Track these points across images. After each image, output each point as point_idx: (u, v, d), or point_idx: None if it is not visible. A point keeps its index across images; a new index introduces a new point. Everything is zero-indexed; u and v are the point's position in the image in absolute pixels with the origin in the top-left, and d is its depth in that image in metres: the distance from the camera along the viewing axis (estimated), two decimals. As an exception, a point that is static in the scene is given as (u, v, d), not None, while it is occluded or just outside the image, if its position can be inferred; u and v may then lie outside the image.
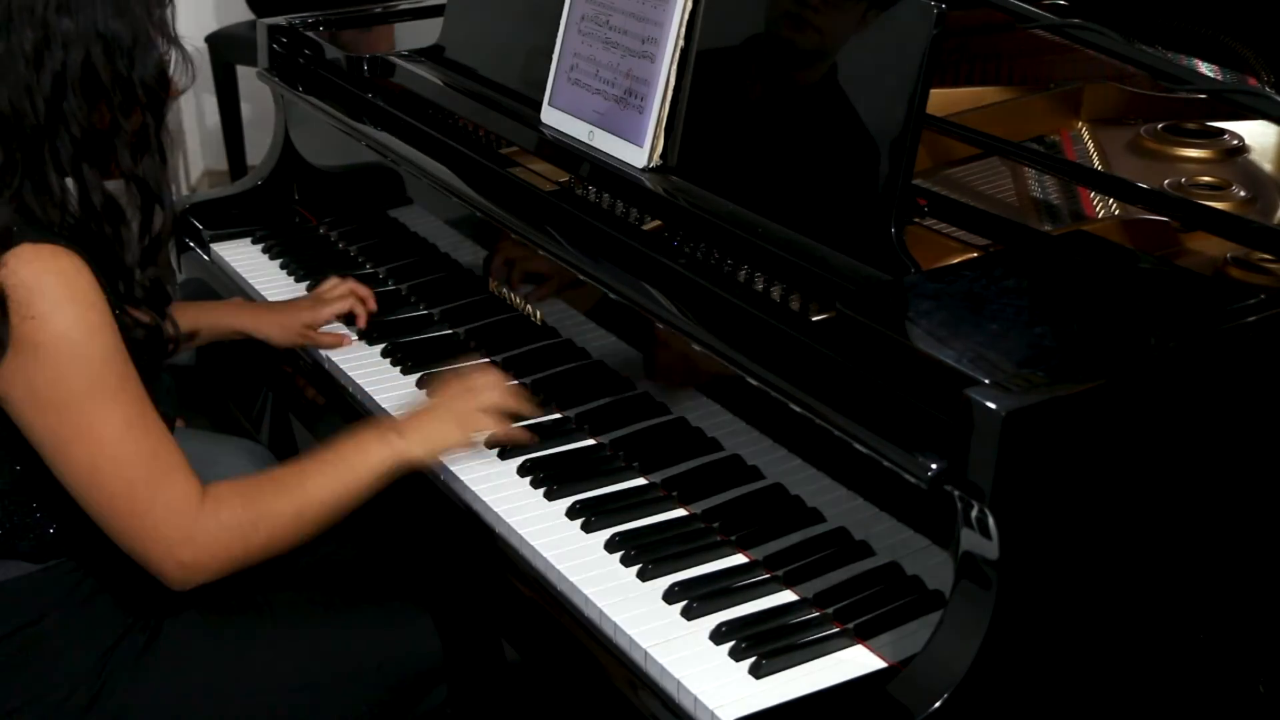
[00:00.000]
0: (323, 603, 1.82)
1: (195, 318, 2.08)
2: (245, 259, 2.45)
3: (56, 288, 1.47)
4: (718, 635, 1.50)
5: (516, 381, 1.93)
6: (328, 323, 2.15)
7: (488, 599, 1.77)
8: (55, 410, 1.49)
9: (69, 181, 1.54)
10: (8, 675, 1.61)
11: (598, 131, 1.94)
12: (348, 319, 2.17)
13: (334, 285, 2.18)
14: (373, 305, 2.17)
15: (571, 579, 1.60)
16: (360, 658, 1.75)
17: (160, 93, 1.56)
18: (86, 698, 1.61)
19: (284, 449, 2.45)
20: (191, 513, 1.55)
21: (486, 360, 1.86)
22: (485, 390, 1.79)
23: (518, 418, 1.82)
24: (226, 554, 1.57)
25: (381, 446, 1.68)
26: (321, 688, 1.71)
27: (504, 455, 1.82)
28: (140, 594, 1.68)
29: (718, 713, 1.41)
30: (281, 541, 1.62)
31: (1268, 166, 2.02)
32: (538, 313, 1.96)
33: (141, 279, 1.62)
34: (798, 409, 1.51)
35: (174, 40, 1.58)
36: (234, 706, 1.68)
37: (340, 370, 2.07)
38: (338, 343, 2.13)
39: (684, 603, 1.55)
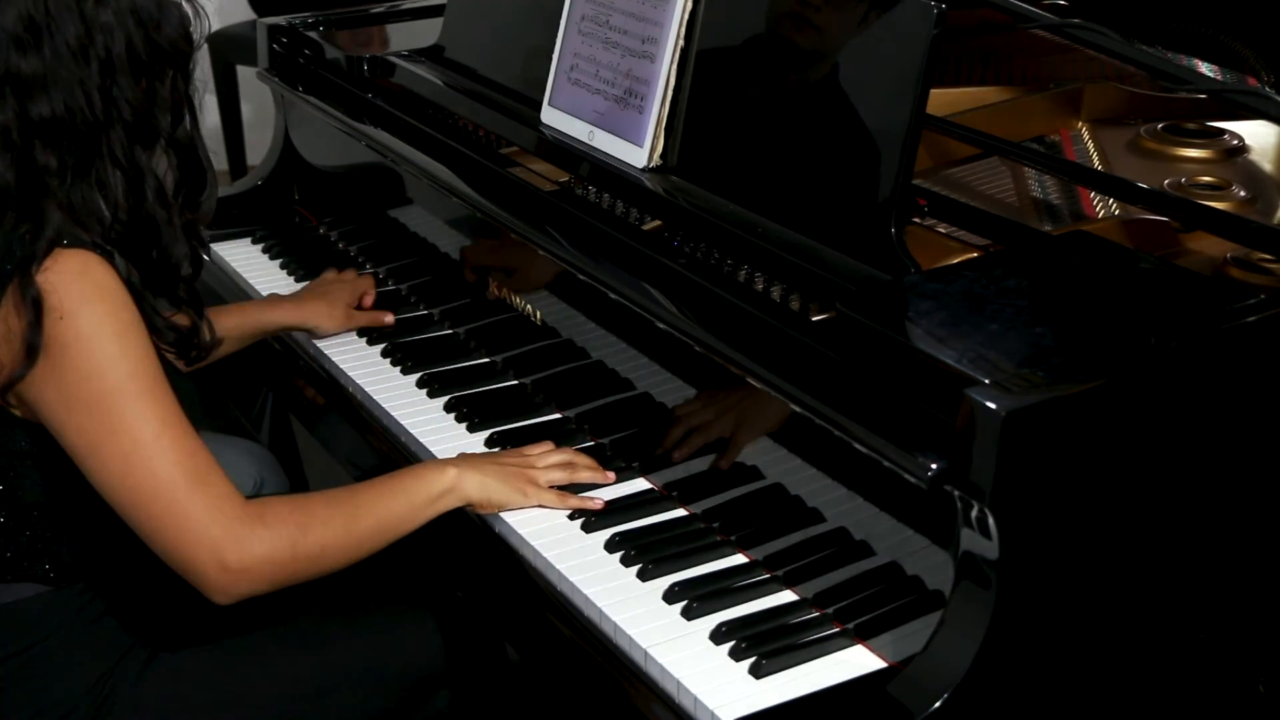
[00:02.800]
0: (324, 608, 1.82)
1: (228, 320, 2.05)
2: (245, 259, 2.45)
3: (85, 289, 1.48)
4: (718, 635, 1.50)
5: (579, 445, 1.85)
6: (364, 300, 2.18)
7: (489, 601, 1.77)
8: (86, 409, 1.48)
9: (118, 177, 1.54)
10: (11, 693, 1.60)
11: (598, 131, 1.94)
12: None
13: (351, 272, 2.23)
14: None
15: (572, 579, 1.60)
16: (362, 662, 1.74)
17: (187, 51, 1.58)
18: (90, 711, 1.61)
19: (284, 449, 2.45)
20: (235, 512, 1.51)
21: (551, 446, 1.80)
22: (545, 464, 1.74)
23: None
24: (274, 558, 1.53)
25: (439, 476, 1.67)
26: (323, 693, 1.71)
27: (504, 455, 1.82)
28: (148, 615, 1.67)
29: (718, 713, 1.41)
30: (332, 553, 1.58)
31: (1268, 166, 2.02)
32: (538, 313, 1.96)
33: (186, 273, 1.62)
34: (798, 409, 1.51)
35: None
36: (237, 715, 1.68)
37: (340, 370, 2.07)
38: (380, 320, 2.15)
39: (684, 603, 1.55)
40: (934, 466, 1.34)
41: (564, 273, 1.87)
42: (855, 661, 1.47)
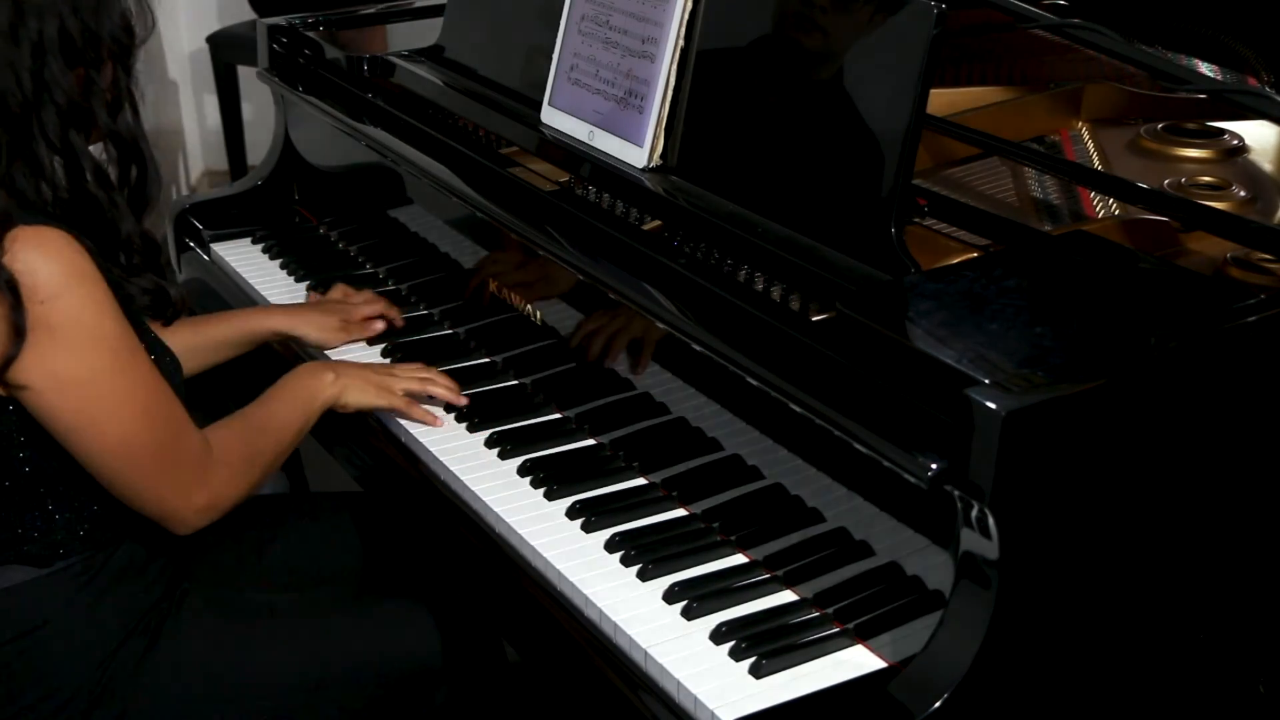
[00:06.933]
0: (323, 603, 1.83)
1: (223, 325, 2.08)
2: (245, 259, 2.45)
3: (59, 268, 1.49)
4: (718, 635, 1.50)
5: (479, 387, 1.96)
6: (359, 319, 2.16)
7: (488, 599, 1.77)
8: (81, 388, 1.52)
9: (55, 158, 1.56)
10: (9, 681, 1.61)
11: (598, 131, 1.94)
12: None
13: (351, 292, 2.21)
14: (399, 322, 2.17)
15: (571, 579, 1.60)
16: (361, 658, 1.75)
17: (127, 44, 1.60)
18: (87, 702, 1.62)
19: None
20: (206, 459, 1.64)
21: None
22: (406, 374, 1.92)
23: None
24: (236, 490, 1.68)
25: (324, 384, 1.84)
26: (322, 688, 1.72)
27: (504, 455, 1.82)
28: (143, 593, 1.68)
29: (718, 713, 1.41)
30: (269, 472, 1.76)
31: (1268, 166, 2.02)
32: (538, 313, 1.96)
33: (137, 245, 1.64)
34: (798, 409, 1.51)
35: None
36: (235, 707, 1.69)
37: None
38: (373, 331, 2.14)
39: (684, 603, 1.55)
40: (934, 466, 1.34)
41: (564, 272, 1.87)
42: (855, 661, 1.47)
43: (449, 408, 1.92)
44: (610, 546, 1.64)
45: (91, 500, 1.63)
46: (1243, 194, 1.88)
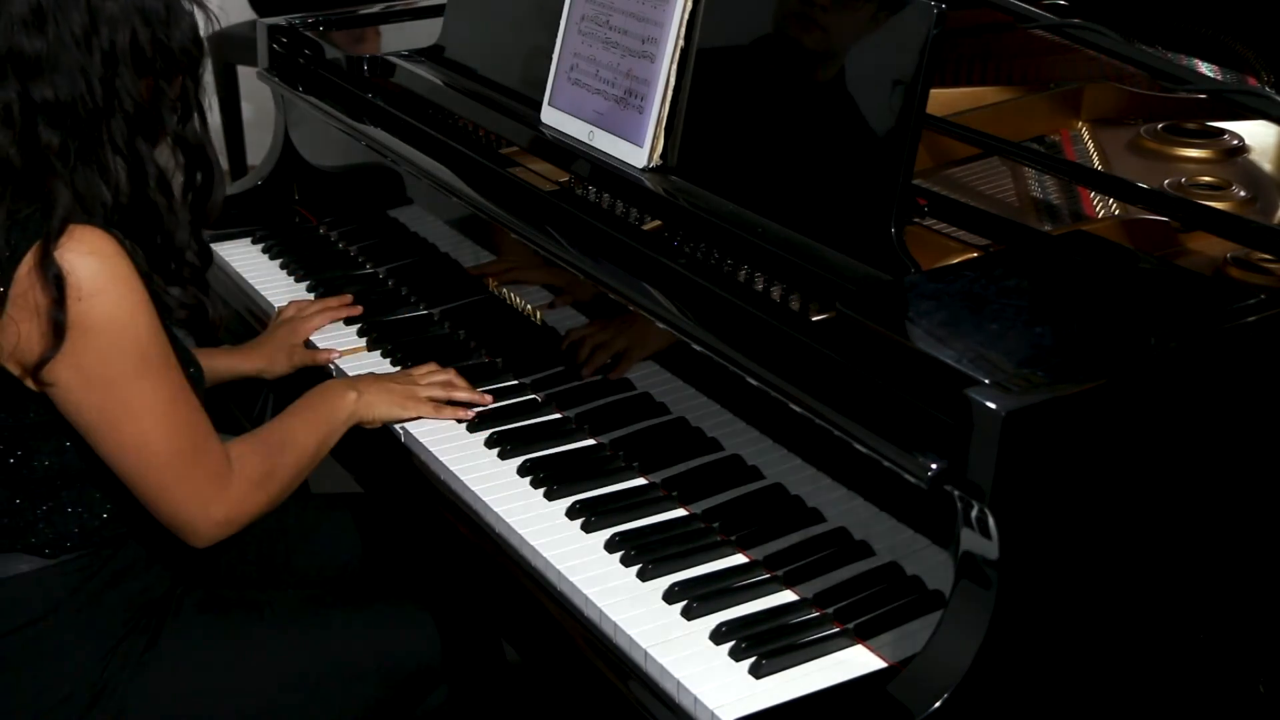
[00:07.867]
0: (323, 602, 1.83)
1: None
2: (245, 259, 2.45)
3: (99, 269, 1.51)
4: (718, 635, 1.50)
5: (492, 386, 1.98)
6: (308, 335, 2.14)
7: (487, 599, 1.77)
8: (105, 388, 1.54)
9: (120, 164, 1.58)
10: (11, 672, 1.62)
11: (598, 131, 1.94)
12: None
13: (304, 303, 2.19)
14: (356, 309, 2.17)
15: (571, 579, 1.60)
16: (360, 657, 1.75)
17: (197, 55, 1.63)
18: (88, 696, 1.62)
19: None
20: (226, 473, 1.64)
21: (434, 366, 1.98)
22: (425, 380, 1.91)
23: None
24: (254, 506, 1.68)
25: (345, 402, 1.84)
26: (321, 687, 1.72)
27: (504, 455, 1.82)
28: (146, 590, 1.69)
29: (718, 713, 1.41)
30: (287, 490, 1.75)
31: (1268, 166, 2.02)
32: (538, 313, 1.96)
33: (191, 257, 1.67)
34: (798, 409, 1.51)
35: (199, 2, 1.64)
36: (234, 705, 1.69)
37: (340, 371, 2.07)
38: (329, 358, 2.10)
39: (684, 603, 1.55)
40: (934, 466, 1.34)
41: (564, 272, 1.87)
42: (855, 661, 1.47)
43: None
44: (610, 546, 1.64)
45: (107, 498, 1.64)
46: (1243, 194, 1.88)
